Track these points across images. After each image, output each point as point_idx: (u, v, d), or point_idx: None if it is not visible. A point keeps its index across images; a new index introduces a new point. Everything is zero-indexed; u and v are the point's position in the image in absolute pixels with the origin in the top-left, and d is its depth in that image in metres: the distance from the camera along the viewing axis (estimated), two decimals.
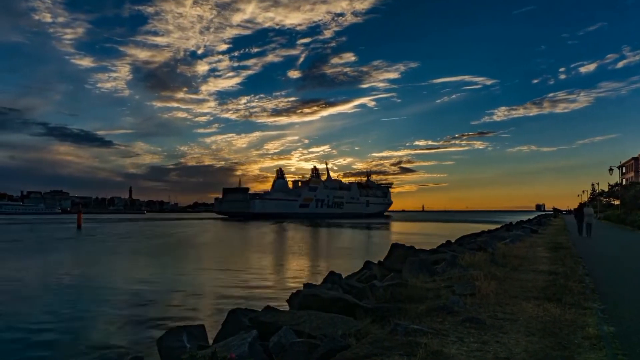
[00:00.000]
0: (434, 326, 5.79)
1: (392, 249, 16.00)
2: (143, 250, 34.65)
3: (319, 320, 6.43)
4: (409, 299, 7.51)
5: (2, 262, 26.71)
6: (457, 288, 8.22)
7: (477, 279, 8.83)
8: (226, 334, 6.76)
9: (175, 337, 6.58)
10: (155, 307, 14.13)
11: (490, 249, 15.36)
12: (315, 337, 5.78)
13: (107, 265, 25.30)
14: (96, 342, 10.42)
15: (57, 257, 29.57)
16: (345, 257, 28.68)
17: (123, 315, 13.11)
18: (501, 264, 11.80)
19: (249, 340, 5.38)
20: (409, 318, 6.24)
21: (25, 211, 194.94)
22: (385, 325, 5.98)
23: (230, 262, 26.57)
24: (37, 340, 10.58)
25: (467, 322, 5.96)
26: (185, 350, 5.60)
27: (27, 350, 9.91)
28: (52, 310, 13.64)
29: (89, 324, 12.13)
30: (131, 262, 27.28)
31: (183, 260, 27.96)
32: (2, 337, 10.87)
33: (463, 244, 21.82)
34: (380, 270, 14.12)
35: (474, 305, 7.10)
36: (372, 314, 6.67)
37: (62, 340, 10.60)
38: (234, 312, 7.63)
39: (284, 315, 7.06)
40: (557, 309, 6.82)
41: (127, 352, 9.42)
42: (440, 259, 13.81)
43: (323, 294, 8.12)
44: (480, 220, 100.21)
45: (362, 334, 5.62)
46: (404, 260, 13.15)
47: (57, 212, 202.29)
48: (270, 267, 24.49)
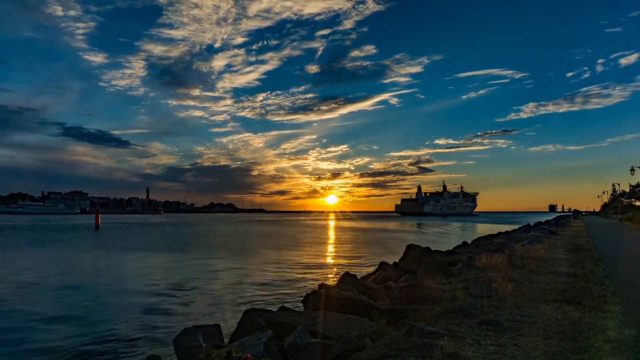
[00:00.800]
0: (450, 328, 5.73)
1: (407, 250, 15.88)
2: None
3: (333, 321, 6.42)
4: (425, 300, 7.45)
5: (48, 264, 27.31)
6: (474, 290, 8.13)
7: (494, 280, 8.72)
8: (241, 334, 6.81)
9: (191, 336, 6.65)
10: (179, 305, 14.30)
11: (508, 250, 15.14)
12: (330, 337, 5.77)
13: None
14: (114, 340, 10.57)
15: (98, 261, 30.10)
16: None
17: (142, 313, 13.30)
18: (519, 266, 11.63)
19: (264, 340, 5.40)
20: (425, 320, 6.19)
21: (45, 211, 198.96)
22: (400, 326, 5.94)
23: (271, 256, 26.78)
24: (53, 337, 10.79)
25: (484, 324, 5.89)
26: (201, 350, 5.64)
27: (44, 345, 10.11)
28: (73, 309, 13.90)
29: (108, 322, 12.31)
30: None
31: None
32: (29, 329, 11.13)
33: (479, 245, 21.56)
34: (395, 271, 14.04)
35: (491, 308, 7.01)
36: (387, 315, 6.63)
37: (80, 338, 10.78)
38: (249, 312, 7.67)
39: (299, 316, 7.07)
40: (577, 312, 6.70)
41: (144, 351, 9.56)
42: (456, 260, 13.67)
43: (338, 295, 8.12)
44: (497, 221, 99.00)
45: (378, 335, 5.59)
46: (419, 262, 13.06)
47: (76, 212, 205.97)
48: (310, 263, 24.57)
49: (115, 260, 28.14)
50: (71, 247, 37.60)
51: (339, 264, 26.27)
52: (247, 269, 23.50)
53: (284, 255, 30.98)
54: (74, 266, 24.96)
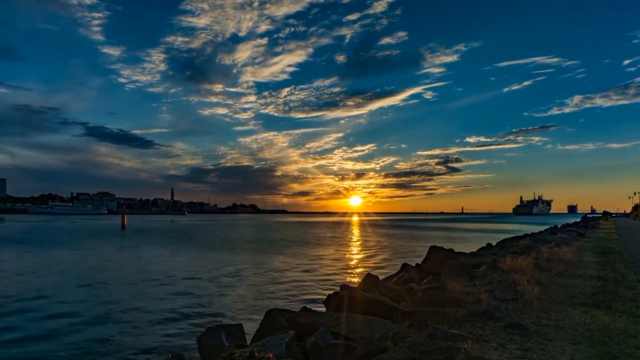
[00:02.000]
0: (474, 331, 5.64)
1: (430, 252, 15.72)
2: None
3: (355, 322, 6.40)
4: (448, 303, 7.35)
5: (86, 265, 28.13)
6: (499, 293, 7.99)
7: (519, 283, 8.55)
8: (264, 334, 6.86)
9: (214, 335, 6.73)
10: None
11: (534, 252, 14.82)
12: (352, 339, 5.75)
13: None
14: (138, 338, 10.79)
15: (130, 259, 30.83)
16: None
17: (166, 311, 13.52)
18: (545, 269, 11.37)
19: (287, 341, 5.42)
20: (448, 322, 6.11)
21: (74, 212, 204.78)
22: (423, 329, 5.88)
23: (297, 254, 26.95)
24: (76, 333, 11.07)
25: (509, 328, 5.78)
26: (224, 349, 5.71)
27: (68, 341, 10.38)
28: (100, 307, 14.24)
29: (133, 319, 12.57)
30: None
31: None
32: (58, 323, 11.46)
33: (505, 247, 21.18)
34: (417, 273, 13.91)
35: (517, 311, 6.87)
36: (410, 318, 6.57)
37: (105, 335, 11.03)
38: (271, 312, 7.72)
39: (321, 317, 7.07)
40: (607, 317, 6.50)
41: (168, 349, 9.72)
42: (480, 262, 13.46)
43: (360, 296, 8.09)
44: (521, 222, 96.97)
45: (400, 338, 5.54)
46: (442, 263, 12.90)
47: (103, 213, 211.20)
48: (332, 264, 24.62)
49: (143, 259, 28.72)
50: (105, 247, 38.57)
51: (367, 266, 26.20)
52: (269, 269, 23.65)
53: (307, 256, 31.06)
54: (100, 266, 25.59)
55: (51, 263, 26.17)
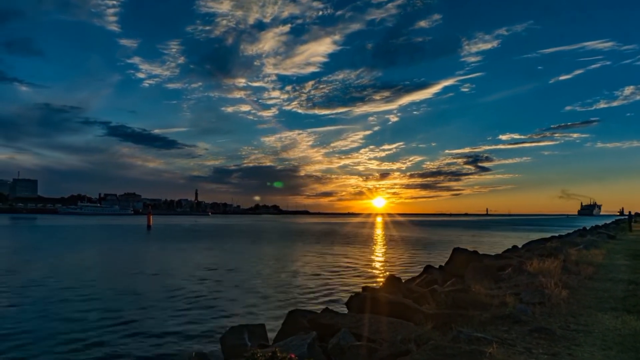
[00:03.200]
0: (499, 335, 5.54)
1: (453, 254, 15.51)
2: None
3: (378, 324, 6.36)
4: (472, 305, 7.24)
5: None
6: (525, 296, 7.82)
7: (546, 287, 8.35)
8: (286, 334, 6.88)
9: (237, 334, 6.79)
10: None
11: (562, 255, 14.45)
12: (374, 341, 5.72)
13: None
14: (163, 336, 10.97)
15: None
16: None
17: (190, 309, 13.73)
18: (574, 272, 11.08)
19: (309, 342, 5.43)
20: (472, 326, 6.02)
21: (102, 212, 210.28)
22: (446, 332, 5.80)
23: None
24: (101, 331, 11.33)
25: (536, 332, 5.65)
26: (247, 349, 5.75)
27: (93, 337, 10.64)
28: (125, 305, 14.55)
29: (158, 318, 12.79)
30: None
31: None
32: (89, 319, 11.78)
33: (531, 249, 20.71)
34: (441, 275, 13.75)
35: (544, 315, 6.71)
36: (433, 320, 6.50)
37: (130, 332, 11.26)
38: (293, 312, 7.75)
39: (343, 318, 7.06)
40: (638, 322, 6.29)
41: (192, 347, 9.87)
42: (505, 264, 13.21)
43: (382, 298, 8.04)
44: (543, 225, 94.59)
45: (423, 340, 5.49)
46: (466, 265, 12.72)
47: (129, 214, 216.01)
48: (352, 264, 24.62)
49: (169, 258, 29.25)
50: (132, 246, 39.45)
51: (389, 268, 26.05)
52: (291, 269, 23.75)
53: (330, 257, 31.07)
54: (128, 264, 26.16)
55: (93, 260, 26.95)
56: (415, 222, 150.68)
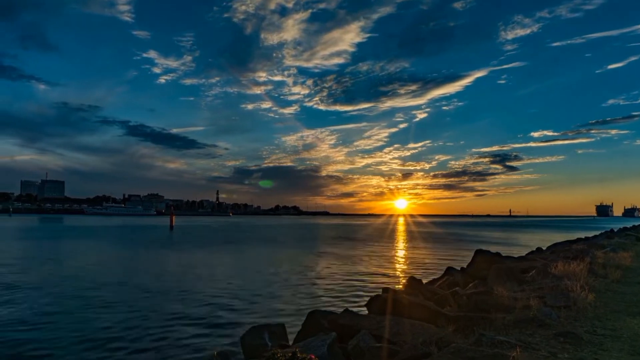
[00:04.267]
0: (522, 339, 5.43)
1: (475, 255, 15.29)
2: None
3: (398, 326, 6.32)
4: (495, 308, 7.12)
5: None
6: (549, 299, 7.65)
7: (572, 290, 8.16)
8: (306, 335, 6.90)
9: (257, 334, 6.84)
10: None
11: (588, 258, 14.09)
12: (394, 343, 5.69)
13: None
14: (185, 335, 11.12)
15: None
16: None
17: (212, 308, 13.88)
18: (601, 275, 10.79)
19: (329, 342, 5.43)
20: (495, 329, 5.92)
21: (126, 212, 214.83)
22: (468, 335, 5.73)
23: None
24: (123, 327, 11.54)
25: (561, 336, 5.52)
26: (267, 348, 5.78)
27: (118, 335, 10.84)
28: (146, 301, 14.80)
29: (180, 316, 12.97)
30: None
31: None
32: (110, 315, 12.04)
33: (556, 251, 20.27)
34: (463, 277, 13.57)
35: (569, 319, 6.55)
36: (455, 323, 6.42)
37: (152, 330, 11.44)
38: (313, 313, 7.76)
39: (363, 319, 7.03)
40: None
41: (213, 346, 9.97)
42: (529, 267, 12.95)
43: (403, 300, 7.98)
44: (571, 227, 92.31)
45: (444, 343, 5.42)
46: (488, 268, 12.53)
47: (152, 214, 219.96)
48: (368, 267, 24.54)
49: (191, 257, 29.64)
50: (156, 247, 40.16)
51: (407, 269, 25.86)
52: (311, 270, 23.78)
53: (351, 257, 30.99)
54: (152, 262, 26.62)
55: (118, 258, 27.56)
56: (436, 223, 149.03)
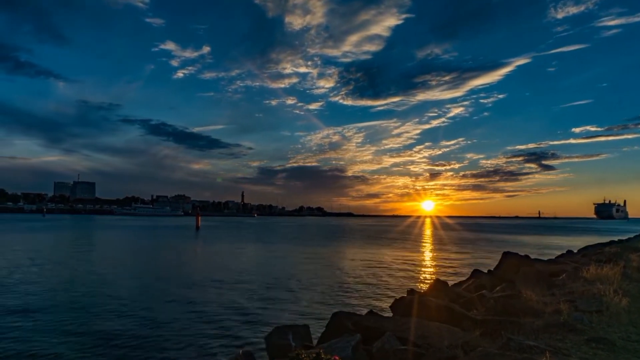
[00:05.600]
0: (553, 344, 5.29)
1: (503, 258, 14.98)
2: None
3: (424, 329, 6.25)
4: (523, 312, 6.96)
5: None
6: (581, 304, 7.43)
7: (605, 294, 7.90)
8: (330, 336, 6.89)
9: (282, 334, 6.87)
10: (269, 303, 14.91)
11: (622, 261, 13.62)
12: (420, 345, 5.63)
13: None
14: (211, 334, 11.26)
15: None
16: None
17: (237, 307, 14.03)
18: (635, 279, 10.42)
19: (353, 344, 5.41)
20: (524, 333, 5.78)
21: (154, 213, 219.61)
22: (496, 339, 5.61)
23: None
24: (148, 324, 11.77)
25: (593, 342, 5.35)
26: (291, 349, 5.80)
27: (139, 334, 11.06)
28: (172, 299, 15.07)
29: (207, 315, 13.15)
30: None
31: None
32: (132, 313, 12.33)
33: (587, 254, 19.67)
34: (490, 279, 13.30)
35: (601, 324, 6.34)
36: (482, 326, 6.30)
37: (175, 329, 11.64)
38: (338, 314, 7.74)
39: (388, 321, 6.98)
40: None
41: (238, 344, 10.08)
42: (559, 270, 12.61)
43: (428, 302, 7.89)
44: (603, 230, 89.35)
45: (471, 347, 5.33)
46: (517, 271, 12.27)
47: (180, 214, 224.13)
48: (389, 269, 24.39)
49: (217, 256, 30.05)
50: (184, 245, 40.93)
51: (431, 270, 25.55)
52: (336, 270, 23.74)
53: (376, 259, 30.83)
54: (179, 261, 27.11)
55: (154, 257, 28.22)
56: (463, 224, 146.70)
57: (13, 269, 22.72)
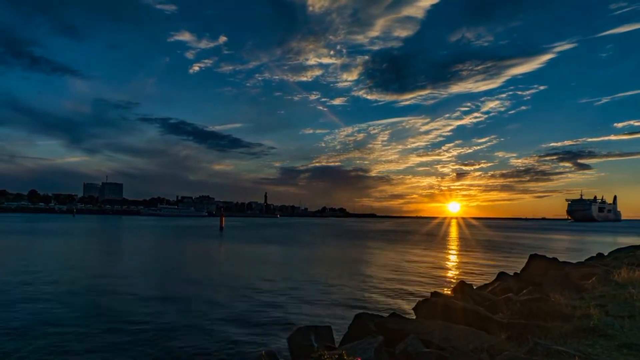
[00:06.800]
0: (582, 349, 5.14)
1: (530, 260, 14.65)
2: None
3: (448, 332, 6.17)
4: (551, 316, 6.79)
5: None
6: (612, 308, 7.21)
7: (637, 299, 7.64)
8: (352, 337, 6.87)
9: (304, 335, 6.88)
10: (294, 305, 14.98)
11: None
12: (444, 349, 5.55)
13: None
14: (230, 334, 11.37)
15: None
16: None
17: (261, 307, 14.13)
18: None
19: (375, 346, 5.38)
20: (551, 338, 5.64)
21: (179, 213, 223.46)
22: (522, 343, 5.50)
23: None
24: (172, 322, 11.95)
25: (625, 347, 5.18)
26: (314, 349, 5.81)
27: (161, 332, 11.24)
28: (195, 298, 15.28)
29: (230, 314, 13.29)
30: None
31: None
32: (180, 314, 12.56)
33: (619, 257, 19.03)
34: (516, 282, 13.03)
35: (634, 330, 6.13)
36: (507, 330, 6.18)
37: (198, 329, 11.79)
38: (360, 316, 7.71)
39: (411, 323, 6.92)
40: None
41: (261, 344, 10.15)
42: (589, 273, 12.26)
43: (452, 305, 7.79)
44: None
45: (496, 351, 5.24)
46: (544, 273, 11.99)
47: (204, 215, 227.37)
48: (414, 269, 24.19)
49: (240, 256, 30.37)
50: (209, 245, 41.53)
51: (454, 273, 25.20)
52: (359, 272, 23.66)
53: (400, 261, 30.61)
54: (203, 260, 27.50)
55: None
56: (489, 225, 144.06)
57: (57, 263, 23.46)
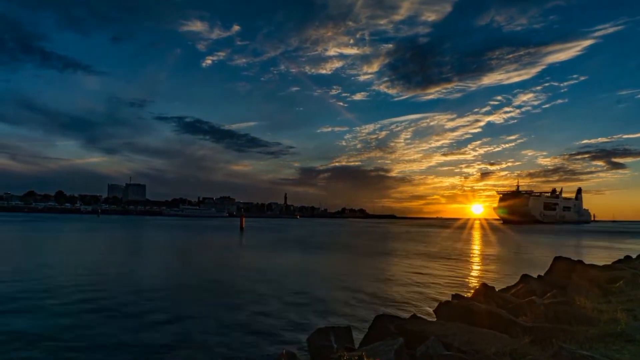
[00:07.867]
0: (609, 354, 5.01)
1: (554, 263, 14.35)
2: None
3: (469, 334, 6.09)
4: (576, 320, 6.64)
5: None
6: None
7: None
8: (372, 339, 6.84)
9: (323, 336, 6.89)
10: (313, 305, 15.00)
11: None
12: (465, 352, 5.49)
13: None
14: (249, 334, 11.44)
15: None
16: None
17: (280, 307, 14.20)
18: None
19: (395, 348, 5.35)
20: (577, 342, 5.52)
21: (200, 214, 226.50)
22: (546, 347, 5.39)
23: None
24: (191, 321, 12.08)
25: None
26: (333, 350, 5.81)
27: (177, 332, 11.37)
28: (213, 298, 15.44)
29: (249, 315, 13.39)
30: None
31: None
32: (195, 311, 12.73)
33: None
34: (540, 285, 12.78)
35: None
36: (531, 334, 6.07)
37: (216, 329, 11.89)
38: (381, 317, 7.68)
39: (432, 326, 6.86)
40: None
41: (281, 343, 10.19)
42: (616, 276, 11.95)
43: (475, 307, 7.68)
44: None
45: (519, 355, 5.15)
46: (569, 276, 11.72)
47: (225, 216, 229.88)
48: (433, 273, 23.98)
49: (259, 258, 30.58)
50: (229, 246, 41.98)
51: (476, 275, 24.84)
52: (379, 273, 23.54)
53: (420, 262, 30.36)
54: (222, 259, 27.78)
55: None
56: (511, 227, 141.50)
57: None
